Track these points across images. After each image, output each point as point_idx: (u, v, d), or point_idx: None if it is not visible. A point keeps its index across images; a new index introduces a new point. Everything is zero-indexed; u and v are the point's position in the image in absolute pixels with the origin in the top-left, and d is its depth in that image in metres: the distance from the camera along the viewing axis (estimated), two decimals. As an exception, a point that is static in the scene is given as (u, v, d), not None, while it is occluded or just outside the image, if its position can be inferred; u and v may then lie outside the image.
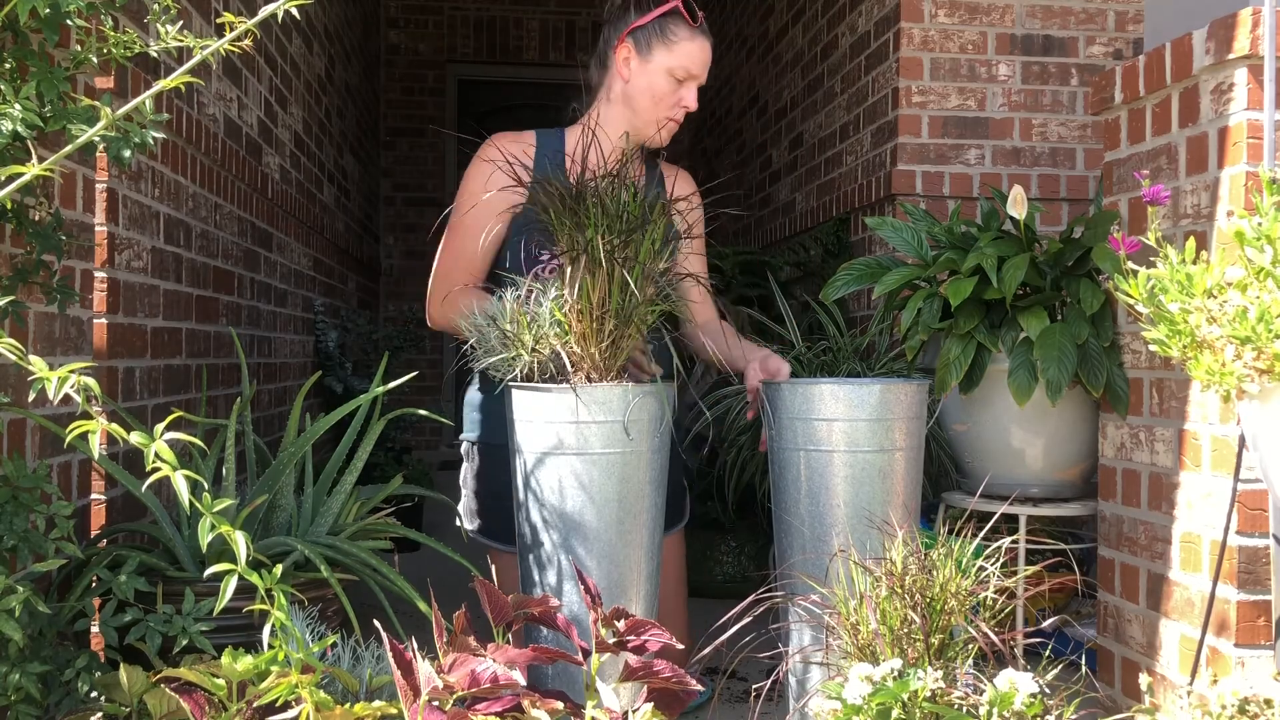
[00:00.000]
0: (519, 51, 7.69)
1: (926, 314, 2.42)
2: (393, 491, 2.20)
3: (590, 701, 1.70)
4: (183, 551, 1.98)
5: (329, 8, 5.11)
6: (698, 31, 2.40)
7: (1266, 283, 1.32)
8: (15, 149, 1.54)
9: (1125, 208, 2.21)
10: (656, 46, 2.39)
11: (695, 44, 2.40)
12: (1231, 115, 1.85)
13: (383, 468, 4.40)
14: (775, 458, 2.18)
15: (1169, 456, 2.03)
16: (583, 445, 1.98)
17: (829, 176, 4.43)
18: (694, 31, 2.40)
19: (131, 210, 2.36)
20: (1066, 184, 3.67)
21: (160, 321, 2.57)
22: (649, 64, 2.40)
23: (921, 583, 1.62)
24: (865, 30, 3.98)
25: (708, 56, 2.43)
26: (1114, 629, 2.20)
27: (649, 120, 2.43)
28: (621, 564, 2.02)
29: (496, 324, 2.07)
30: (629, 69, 2.42)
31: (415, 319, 5.89)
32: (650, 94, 2.41)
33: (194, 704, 1.52)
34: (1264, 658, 1.81)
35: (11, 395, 1.73)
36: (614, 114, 2.46)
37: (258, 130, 3.58)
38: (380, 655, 1.73)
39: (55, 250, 1.69)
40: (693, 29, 2.39)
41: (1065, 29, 3.68)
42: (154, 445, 1.31)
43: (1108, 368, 2.20)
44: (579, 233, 2.02)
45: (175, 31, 1.67)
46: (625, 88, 2.44)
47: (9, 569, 1.61)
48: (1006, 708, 1.44)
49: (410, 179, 7.58)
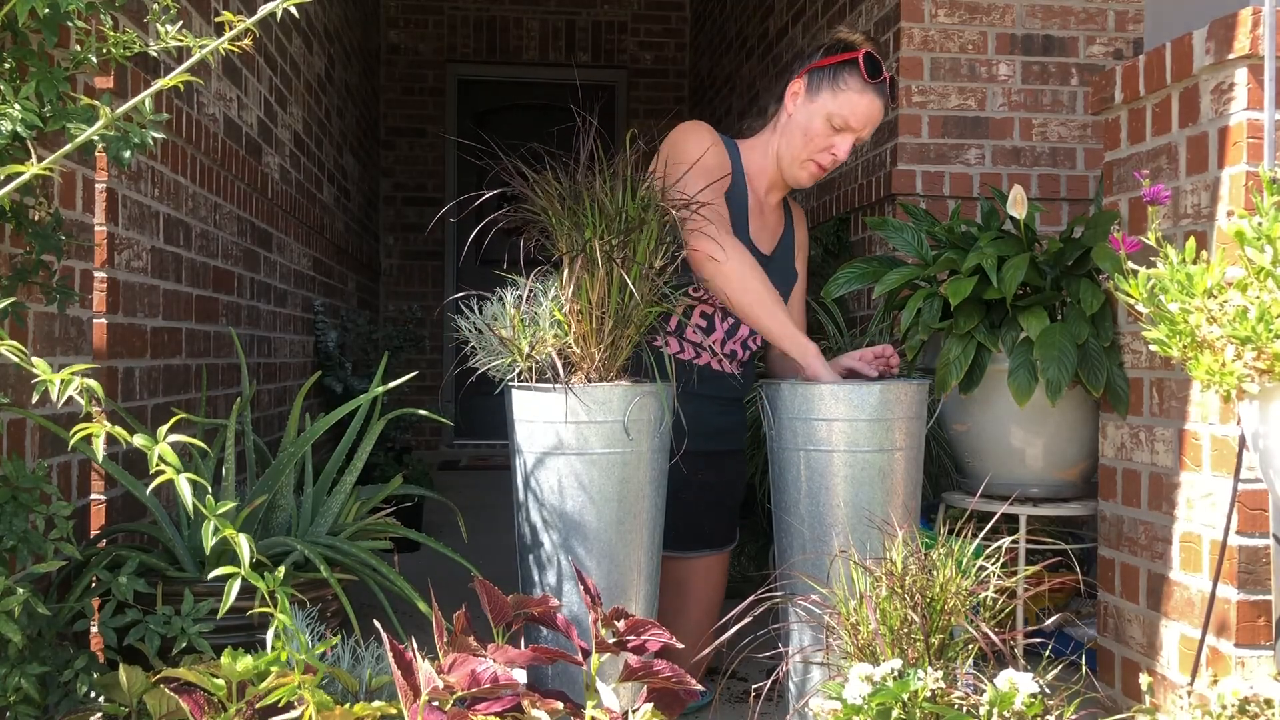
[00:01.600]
0: (519, 51, 7.69)
1: (926, 314, 2.42)
2: (392, 491, 2.20)
3: (590, 701, 1.70)
4: (182, 552, 1.98)
5: (329, 8, 5.11)
6: (869, 87, 2.42)
7: (1267, 282, 1.32)
8: (15, 149, 1.54)
9: (1125, 207, 2.20)
10: (825, 89, 2.44)
11: (863, 98, 2.42)
12: (1232, 115, 1.85)
13: (382, 468, 4.40)
14: (775, 458, 2.18)
15: (1169, 456, 2.03)
16: (582, 445, 1.98)
17: (829, 176, 4.42)
18: (865, 86, 2.42)
19: (131, 210, 2.36)
20: (1066, 184, 3.67)
21: (160, 321, 2.56)
22: (812, 104, 2.45)
23: (921, 583, 1.62)
24: (865, 30, 3.98)
25: (873, 114, 2.45)
26: (1114, 629, 2.20)
27: (796, 157, 2.48)
28: (621, 564, 2.02)
29: (497, 324, 2.07)
30: (795, 104, 2.49)
31: (415, 319, 5.90)
32: (805, 132, 2.46)
33: (193, 704, 1.51)
34: (1264, 658, 1.81)
35: (11, 395, 1.73)
36: (774, 144, 2.54)
37: (257, 130, 3.58)
38: (380, 655, 1.73)
39: (55, 250, 1.69)
40: (865, 84, 2.42)
41: (1065, 29, 3.68)
42: (157, 448, 1.31)
43: (1108, 368, 2.20)
44: (577, 233, 2.02)
45: (175, 31, 1.67)
46: (788, 121, 2.50)
47: (8, 570, 1.61)
48: (1006, 708, 1.44)
49: (410, 179, 7.58)
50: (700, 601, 2.50)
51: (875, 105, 2.44)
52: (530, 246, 2.39)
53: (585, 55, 7.68)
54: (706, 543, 2.51)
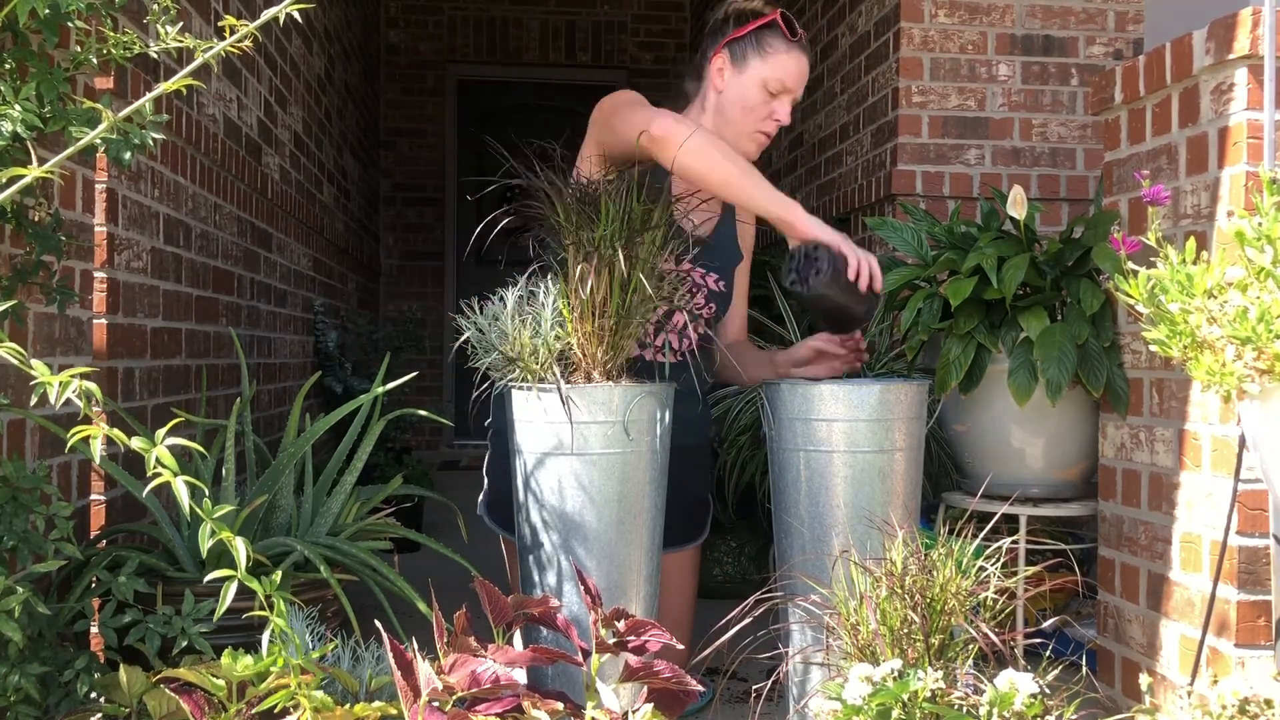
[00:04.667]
0: (519, 51, 7.68)
1: (926, 314, 2.42)
2: (392, 492, 2.20)
3: (590, 702, 1.70)
4: (182, 552, 1.98)
5: (329, 8, 5.11)
6: (795, 45, 2.40)
7: (1267, 283, 1.32)
8: (15, 150, 1.54)
9: (1125, 208, 2.20)
10: (752, 57, 2.40)
11: (791, 57, 2.40)
12: (1232, 115, 1.85)
13: (383, 468, 4.40)
14: (775, 458, 2.18)
15: (1169, 457, 2.03)
16: (582, 446, 1.98)
17: (829, 177, 4.43)
18: (790, 45, 2.40)
19: (131, 210, 2.36)
20: (1066, 184, 3.67)
21: (160, 322, 2.56)
22: (743, 74, 2.41)
23: (921, 583, 1.62)
24: (865, 30, 3.98)
25: (804, 71, 2.43)
26: (1114, 629, 2.20)
27: (740, 132, 2.43)
28: (621, 564, 2.02)
29: (498, 323, 2.07)
30: (723, 79, 2.44)
31: (415, 319, 5.90)
32: (742, 104, 2.41)
33: (193, 704, 1.51)
34: (1264, 658, 1.81)
35: (11, 396, 1.73)
36: (706, 123, 2.45)
37: (257, 130, 3.58)
38: (380, 656, 1.73)
39: (55, 251, 1.69)
40: (789, 42, 2.40)
41: (1065, 29, 3.68)
42: (155, 450, 1.31)
43: (1108, 368, 2.20)
44: (584, 232, 2.01)
45: (175, 33, 1.67)
46: (719, 99, 2.45)
47: (9, 570, 1.61)
48: (1006, 708, 1.44)
49: (410, 179, 7.58)
50: (670, 599, 2.44)
51: (803, 62, 2.42)
52: (536, 245, 2.38)
53: (585, 56, 7.68)
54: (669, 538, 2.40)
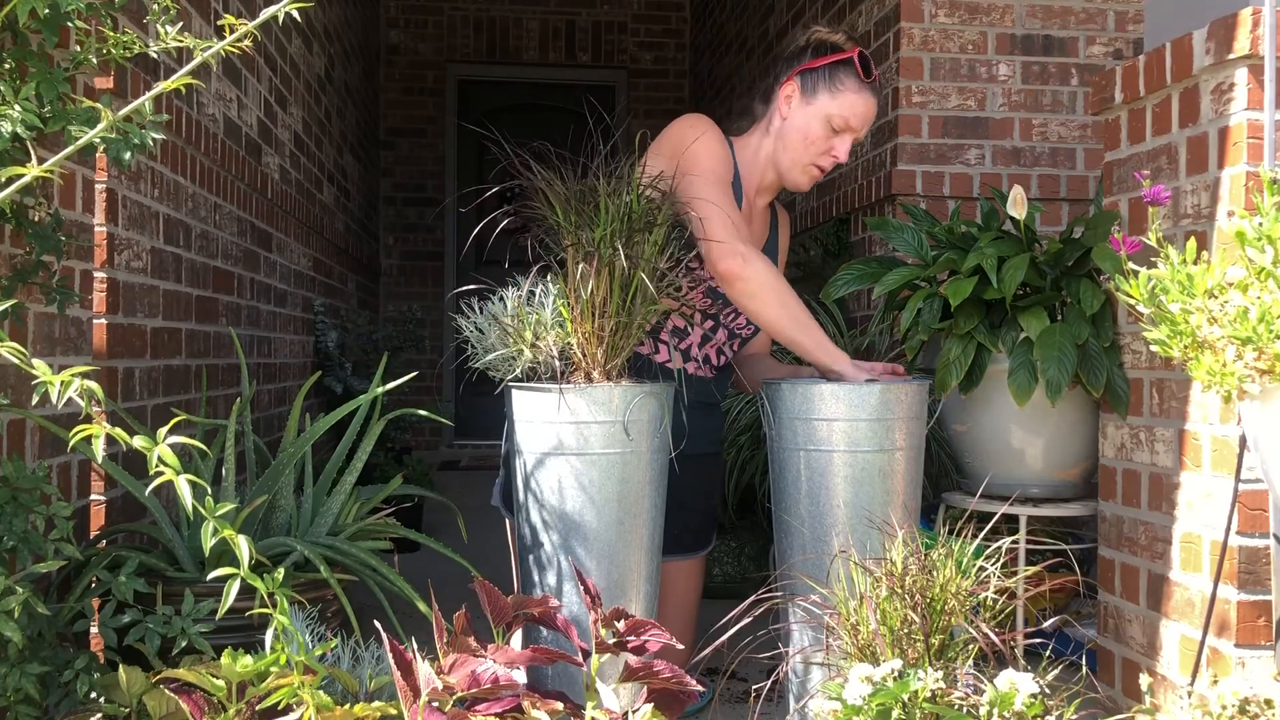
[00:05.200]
0: (519, 51, 7.68)
1: (926, 314, 2.42)
2: (392, 492, 2.20)
3: (590, 702, 1.70)
4: (182, 552, 1.98)
5: (329, 8, 5.11)
6: (866, 87, 2.41)
7: (1267, 283, 1.32)
8: (15, 150, 1.54)
9: (1125, 208, 2.20)
10: (822, 91, 2.41)
11: (861, 97, 2.40)
12: (1232, 115, 1.85)
13: (382, 468, 4.40)
14: (775, 458, 2.18)
15: (1169, 457, 2.03)
16: (582, 446, 1.98)
17: (829, 177, 4.42)
18: (862, 86, 2.41)
19: (131, 210, 2.36)
20: (1066, 184, 3.67)
21: (160, 322, 2.56)
22: (809, 106, 2.42)
23: (921, 583, 1.62)
24: (865, 30, 3.98)
25: (871, 113, 2.44)
26: (1114, 629, 2.20)
27: (795, 162, 2.44)
28: (621, 564, 2.02)
29: (498, 322, 2.07)
30: (789, 107, 2.44)
31: (415, 319, 5.89)
32: (804, 135, 2.42)
33: (193, 705, 1.51)
34: (1264, 658, 1.81)
35: (11, 396, 1.73)
36: (766, 148, 2.49)
37: (257, 130, 3.58)
38: (380, 656, 1.73)
39: (55, 251, 1.69)
40: (862, 83, 2.41)
41: (1065, 29, 3.68)
42: (157, 449, 1.31)
43: (1108, 368, 2.20)
44: (585, 232, 2.01)
45: (175, 33, 1.67)
46: (782, 125, 2.45)
47: (8, 570, 1.61)
48: (1007, 708, 1.44)
49: (410, 179, 7.58)
50: (674, 608, 2.44)
51: (872, 104, 2.43)
52: (535, 245, 2.39)
53: (585, 55, 7.68)
54: (674, 547, 2.41)
